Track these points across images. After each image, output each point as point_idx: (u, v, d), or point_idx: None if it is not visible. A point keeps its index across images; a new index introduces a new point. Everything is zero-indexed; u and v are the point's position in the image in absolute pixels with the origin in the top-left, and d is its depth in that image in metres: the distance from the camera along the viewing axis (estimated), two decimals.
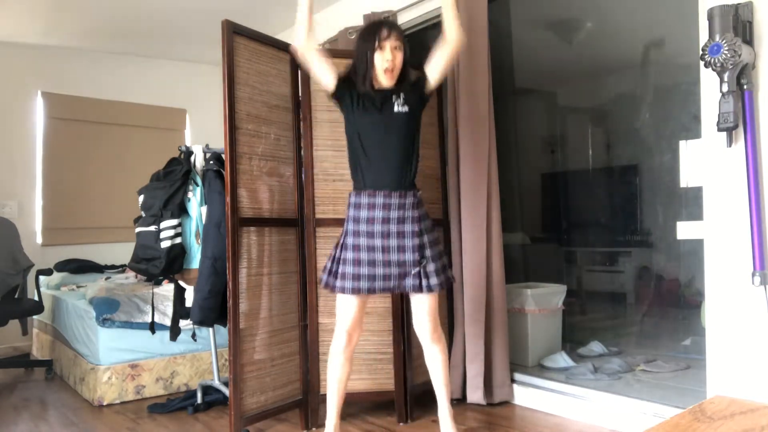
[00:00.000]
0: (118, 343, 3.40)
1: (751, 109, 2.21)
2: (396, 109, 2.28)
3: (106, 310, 3.41)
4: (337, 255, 2.34)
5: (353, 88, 2.33)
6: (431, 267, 2.27)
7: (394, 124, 2.29)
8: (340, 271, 2.30)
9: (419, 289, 2.28)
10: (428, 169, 3.22)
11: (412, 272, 2.26)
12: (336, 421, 2.43)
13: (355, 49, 2.34)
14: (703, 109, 2.40)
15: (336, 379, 2.40)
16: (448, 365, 2.51)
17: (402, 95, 2.31)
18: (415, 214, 2.29)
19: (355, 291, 2.28)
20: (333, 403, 2.43)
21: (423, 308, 2.36)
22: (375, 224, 2.27)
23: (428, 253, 2.28)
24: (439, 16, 3.48)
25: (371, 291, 2.29)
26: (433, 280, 2.28)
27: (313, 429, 2.84)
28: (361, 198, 2.30)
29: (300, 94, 2.95)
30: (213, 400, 3.25)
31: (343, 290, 2.29)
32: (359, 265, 2.28)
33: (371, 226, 2.27)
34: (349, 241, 2.31)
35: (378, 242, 2.27)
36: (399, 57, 2.28)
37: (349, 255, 2.29)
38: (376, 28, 2.29)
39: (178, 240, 3.14)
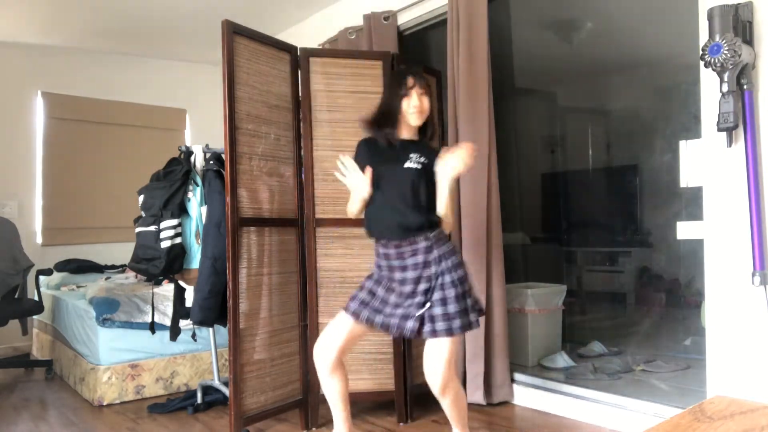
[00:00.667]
0: (118, 343, 3.40)
1: (751, 109, 2.21)
2: (407, 165, 2.24)
3: (106, 310, 3.41)
4: (362, 283, 2.34)
5: (369, 149, 2.34)
6: (438, 311, 2.11)
7: (401, 178, 2.24)
8: (354, 293, 2.30)
9: (418, 333, 2.16)
10: None
11: (415, 315, 2.15)
12: (345, 425, 2.34)
13: (383, 97, 2.37)
14: (703, 109, 2.40)
15: (333, 392, 2.31)
16: (464, 408, 2.34)
17: (419, 155, 2.27)
18: (428, 258, 2.18)
19: (355, 314, 2.24)
20: (338, 412, 2.34)
21: (431, 353, 2.19)
22: (394, 272, 2.23)
23: (436, 296, 2.14)
24: (438, 16, 3.52)
25: (370, 322, 2.23)
26: (439, 325, 2.10)
27: (313, 429, 2.84)
28: (378, 247, 2.29)
29: (300, 94, 2.95)
30: (213, 400, 3.25)
31: (346, 309, 2.26)
32: (372, 296, 2.26)
33: (390, 272, 2.25)
34: (374, 273, 2.32)
35: (396, 285, 2.24)
36: (426, 101, 2.28)
37: (368, 283, 2.29)
38: (402, 77, 2.30)
39: (178, 240, 3.14)
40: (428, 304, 2.14)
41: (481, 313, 2.26)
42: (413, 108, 2.25)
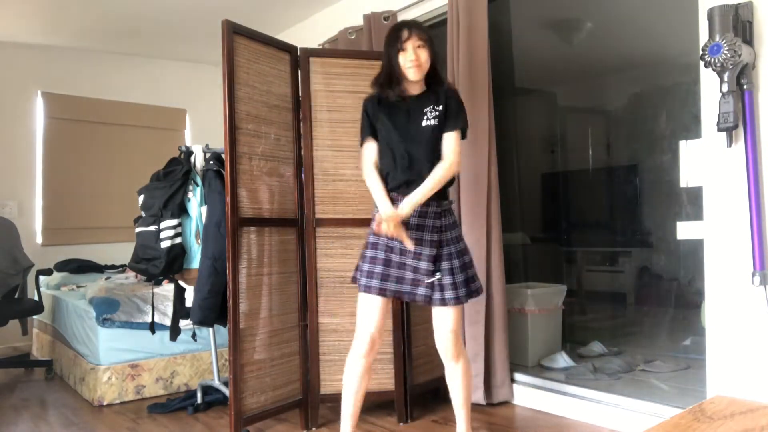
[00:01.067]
0: (118, 343, 3.40)
1: (751, 109, 2.21)
2: (424, 123, 2.22)
3: (106, 310, 3.41)
4: (362, 252, 2.30)
5: (380, 103, 2.29)
6: (447, 280, 2.19)
7: (419, 136, 2.23)
8: (360, 267, 2.27)
9: (430, 301, 2.21)
10: None
11: (425, 281, 2.20)
12: (353, 425, 2.31)
13: (383, 56, 2.31)
14: (703, 109, 2.40)
15: (352, 391, 2.28)
16: (471, 384, 2.39)
17: (433, 106, 2.25)
18: (436, 224, 2.22)
19: (367, 289, 2.23)
20: (347, 416, 2.29)
21: (441, 323, 2.25)
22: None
23: (444, 265, 2.20)
24: (438, 16, 3.51)
25: (382, 292, 2.22)
26: (448, 294, 2.18)
27: (313, 429, 2.84)
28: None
29: (300, 94, 2.95)
30: (213, 400, 3.25)
31: (368, 289, 2.23)
32: (374, 263, 2.24)
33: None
34: (371, 239, 2.28)
35: (396, 244, 2.21)
36: (424, 54, 2.22)
37: (368, 252, 2.27)
38: (397, 31, 2.26)
39: (178, 240, 3.14)
40: (438, 274, 2.20)
41: (479, 291, 2.32)
42: (409, 62, 2.20)
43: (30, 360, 4.56)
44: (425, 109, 2.24)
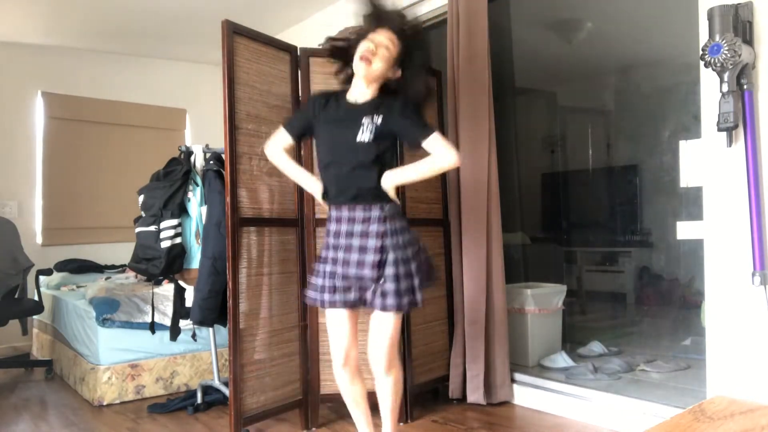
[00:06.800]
0: (118, 343, 3.40)
1: (751, 109, 2.21)
2: (359, 138, 2.06)
3: (106, 310, 3.41)
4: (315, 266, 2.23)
5: (322, 106, 2.20)
6: (390, 287, 2.04)
7: (353, 148, 2.09)
8: (311, 281, 2.21)
9: (370, 304, 2.11)
10: None
11: (370, 288, 2.08)
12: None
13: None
14: (703, 109, 2.40)
15: (351, 400, 2.29)
16: (400, 397, 2.32)
17: (374, 118, 2.09)
18: (380, 230, 2.08)
19: (321, 304, 2.17)
20: (362, 424, 2.31)
21: (378, 331, 2.15)
22: (340, 238, 2.14)
23: (389, 271, 2.05)
24: (438, 16, 3.51)
25: (333, 304, 2.15)
26: (390, 301, 2.05)
27: (313, 429, 2.84)
28: (331, 210, 2.19)
29: (300, 94, 2.95)
30: (213, 400, 3.25)
31: (322, 304, 2.17)
32: (323, 277, 2.16)
33: (336, 239, 2.15)
34: (322, 253, 2.21)
35: (340, 255, 2.13)
36: (383, 54, 2.05)
37: (321, 267, 2.18)
38: (377, 14, 2.14)
39: (178, 240, 3.14)
40: (382, 279, 2.06)
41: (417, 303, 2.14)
42: (360, 52, 2.04)
43: (30, 360, 4.56)
44: (364, 120, 2.08)
